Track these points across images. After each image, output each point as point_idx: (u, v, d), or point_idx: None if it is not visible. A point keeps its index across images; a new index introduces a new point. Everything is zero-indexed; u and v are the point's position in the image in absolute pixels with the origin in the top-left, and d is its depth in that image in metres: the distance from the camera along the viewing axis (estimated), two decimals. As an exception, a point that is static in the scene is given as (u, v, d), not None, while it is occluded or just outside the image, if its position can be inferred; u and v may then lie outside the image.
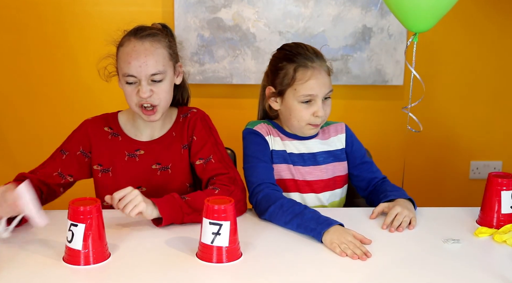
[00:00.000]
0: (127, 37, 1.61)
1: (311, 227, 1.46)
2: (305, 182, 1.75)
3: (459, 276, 1.29)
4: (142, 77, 1.57)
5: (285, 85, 1.68)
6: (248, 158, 1.72)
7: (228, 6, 2.60)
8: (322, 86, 1.67)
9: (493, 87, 2.84)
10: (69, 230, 1.30)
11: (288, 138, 1.76)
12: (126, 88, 1.60)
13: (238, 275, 1.29)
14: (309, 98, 1.66)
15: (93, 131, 1.69)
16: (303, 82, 1.65)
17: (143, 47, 1.58)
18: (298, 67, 1.66)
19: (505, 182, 1.53)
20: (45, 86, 2.68)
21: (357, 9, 2.64)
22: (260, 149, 1.72)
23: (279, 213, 1.54)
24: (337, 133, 1.82)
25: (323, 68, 1.69)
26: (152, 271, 1.29)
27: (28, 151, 2.70)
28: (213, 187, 1.60)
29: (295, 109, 1.68)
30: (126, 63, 1.57)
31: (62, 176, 1.66)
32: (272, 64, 1.75)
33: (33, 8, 2.59)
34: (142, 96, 1.57)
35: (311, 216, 1.49)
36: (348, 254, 1.37)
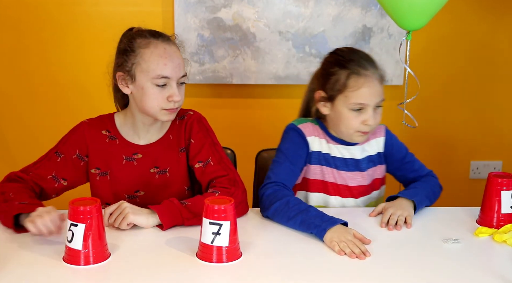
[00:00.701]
0: (148, 40, 1.58)
1: (315, 224, 1.46)
2: (346, 187, 1.75)
3: (459, 276, 1.29)
4: (175, 79, 1.57)
5: (336, 91, 1.64)
6: (278, 152, 1.72)
7: (228, 6, 2.60)
8: (374, 95, 1.63)
9: (493, 86, 2.84)
10: (69, 230, 1.30)
11: (333, 142, 1.74)
12: (153, 90, 1.57)
13: (238, 275, 1.29)
14: (360, 106, 1.63)
15: (90, 135, 1.67)
16: (355, 90, 1.62)
17: (172, 49, 1.59)
18: (351, 74, 1.63)
19: (505, 182, 1.53)
20: (45, 86, 2.68)
21: (357, 9, 2.64)
22: (294, 149, 1.71)
23: (284, 209, 1.54)
24: (376, 136, 1.79)
25: (376, 76, 1.64)
26: (152, 271, 1.29)
27: (28, 151, 2.70)
28: (213, 190, 1.59)
29: (345, 116, 1.65)
30: (161, 64, 1.55)
31: (56, 179, 1.63)
32: (323, 68, 1.71)
33: (32, 8, 2.59)
34: (176, 99, 1.57)
35: (316, 214, 1.50)
36: (347, 252, 1.37)
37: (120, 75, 1.60)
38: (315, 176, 1.74)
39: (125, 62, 1.58)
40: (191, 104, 1.84)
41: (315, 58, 2.67)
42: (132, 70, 1.58)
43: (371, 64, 1.66)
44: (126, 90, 1.61)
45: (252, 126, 2.78)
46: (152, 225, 1.50)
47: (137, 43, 1.58)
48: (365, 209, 1.72)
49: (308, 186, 1.76)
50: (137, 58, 1.57)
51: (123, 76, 1.60)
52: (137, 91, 1.59)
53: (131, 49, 1.58)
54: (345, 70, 1.63)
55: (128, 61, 1.58)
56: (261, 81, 2.69)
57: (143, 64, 1.56)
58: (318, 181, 1.74)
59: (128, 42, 1.59)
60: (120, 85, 1.61)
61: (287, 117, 2.78)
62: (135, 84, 1.58)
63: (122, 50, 1.60)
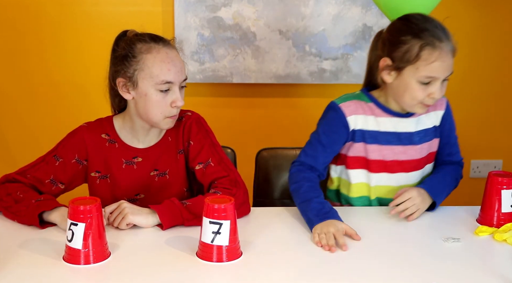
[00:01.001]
0: (149, 45, 1.56)
1: (308, 217, 1.52)
2: (397, 162, 1.70)
3: (459, 275, 1.29)
4: (178, 83, 1.57)
5: (406, 62, 1.56)
6: (315, 133, 1.73)
7: (228, 5, 2.60)
8: (446, 69, 1.56)
9: (493, 85, 2.84)
10: (69, 229, 1.30)
11: (385, 114, 1.68)
12: (157, 96, 1.55)
13: (238, 274, 1.29)
14: (429, 79, 1.56)
15: (90, 139, 1.65)
16: (428, 63, 1.53)
17: (173, 54, 1.59)
18: (425, 45, 1.53)
19: (505, 181, 1.53)
20: (44, 86, 2.68)
21: (357, 8, 2.63)
22: (329, 130, 1.69)
23: (295, 194, 1.62)
24: (436, 108, 1.73)
25: (450, 49, 1.56)
26: (152, 270, 1.29)
27: (28, 151, 2.70)
28: (215, 191, 1.58)
29: (411, 87, 1.58)
30: (165, 70, 1.54)
31: (54, 183, 1.62)
32: (393, 35, 1.61)
33: (32, 8, 2.59)
34: (179, 104, 1.57)
35: (315, 206, 1.53)
36: (322, 243, 1.41)
37: (121, 81, 1.58)
38: (358, 154, 1.71)
39: (126, 68, 1.56)
40: (191, 103, 1.84)
41: (315, 57, 2.67)
42: (135, 76, 1.55)
43: (446, 35, 1.56)
44: (127, 96, 1.59)
45: (252, 125, 2.78)
46: (152, 224, 1.50)
47: (137, 48, 1.56)
48: (366, 209, 1.72)
49: (349, 163, 1.73)
50: (140, 64, 1.55)
51: (124, 82, 1.57)
52: (139, 97, 1.57)
53: (132, 54, 1.55)
54: (419, 40, 1.54)
55: (129, 67, 1.55)
56: (261, 80, 2.69)
57: (146, 70, 1.54)
58: (360, 159, 1.71)
59: (128, 47, 1.56)
60: (121, 91, 1.59)
61: (287, 116, 2.80)
62: (138, 91, 1.57)
63: (121, 55, 1.56)
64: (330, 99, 2.77)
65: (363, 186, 1.74)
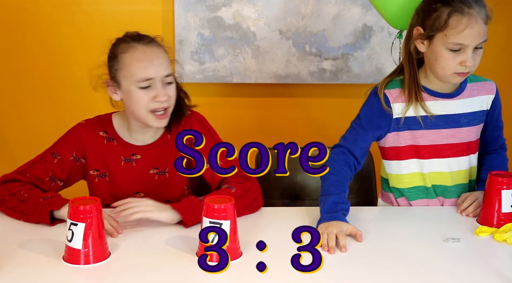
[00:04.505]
0: (129, 44, 1.60)
1: (320, 212, 1.53)
2: (448, 146, 1.69)
3: (459, 275, 1.29)
4: (158, 79, 1.57)
5: (435, 29, 1.55)
6: (357, 118, 1.71)
7: (228, 5, 2.60)
8: (476, 36, 1.53)
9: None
10: (69, 229, 1.30)
11: (431, 98, 1.66)
12: (138, 93, 1.58)
13: (238, 274, 1.29)
14: (459, 47, 1.54)
15: (87, 136, 1.67)
16: (456, 30, 1.52)
17: (152, 51, 1.60)
18: (453, 12, 1.53)
19: (505, 181, 1.53)
20: (45, 85, 2.68)
21: (357, 8, 2.63)
22: (371, 116, 1.67)
23: (321, 184, 1.61)
24: (487, 92, 1.71)
25: (481, 15, 1.53)
26: (152, 270, 1.29)
27: (28, 151, 2.70)
28: (228, 186, 1.60)
29: (441, 55, 1.56)
30: (142, 67, 1.56)
31: (53, 180, 1.63)
32: (425, 3, 1.61)
33: (32, 7, 2.59)
34: (162, 99, 1.58)
35: (329, 204, 1.53)
36: (322, 243, 1.40)
37: (108, 82, 1.62)
38: (406, 142, 1.69)
39: (110, 69, 1.61)
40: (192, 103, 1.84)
41: (315, 57, 2.67)
42: (117, 76, 1.60)
43: (477, 2, 1.54)
44: (115, 97, 1.63)
45: (253, 125, 2.77)
46: (175, 221, 1.51)
47: (119, 48, 1.60)
48: (366, 208, 1.72)
49: (400, 155, 1.71)
50: (119, 63, 1.59)
51: (111, 82, 1.62)
52: (124, 96, 1.61)
53: (114, 55, 1.61)
54: (448, 7, 1.54)
55: (112, 68, 1.61)
56: (261, 80, 2.69)
57: (125, 69, 1.58)
58: (409, 147, 1.69)
59: (112, 48, 1.62)
60: (109, 92, 1.63)
61: (287, 116, 2.80)
62: (121, 90, 1.60)
63: (108, 56, 1.62)
64: (330, 99, 2.75)
65: (416, 175, 1.72)
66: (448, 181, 1.70)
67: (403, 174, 1.72)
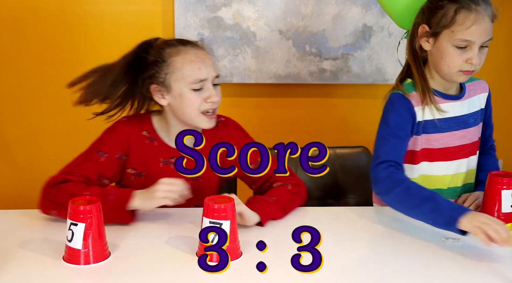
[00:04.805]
0: (177, 48, 1.60)
1: (446, 213, 1.42)
2: (460, 148, 1.69)
3: (459, 275, 1.29)
4: (210, 80, 1.60)
5: (442, 26, 1.55)
6: (384, 126, 1.65)
7: (228, 5, 2.60)
8: (482, 33, 1.53)
9: (492, 85, 2.83)
10: (69, 229, 1.30)
11: (443, 100, 1.65)
12: (191, 95, 1.59)
13: (238, 274, 1.29)
14: (465, 43, 1.54)
15: (133, 135, 1.66)
16: (463, 26, 1.52)
17: (202, 53, 1.62)
18: (461, 8, 1.53)
19: (505, 181, 1.53)
20: (45, 85, 2.68)
21: (357, 8, 2.63)
22: (401, 122, 1.63)
23: (406, 196, 1.49)
24: (482, 91, 1.74)
25: (487, 13, 1.54)
26: (152, 270, 1.29)
27: (28, 151, 2.70)
28: (283, 183, 1.65)
29: (447, 52, 1.56)
30: (196, 69, 1.58)
31: (100, 179, 1.62)
32: (431, 1, 1.60)
33: (32, 7, 2.59)
34: (215, 100, 1.60)
35: (445, 202, 1.45)
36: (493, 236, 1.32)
37: (155, 88, 1.61)
38: (422, 146, 1.67)
39: (157, 74, 1.60)
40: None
41: (315, 57, 2.67)
42: (167, 80, 1.59)
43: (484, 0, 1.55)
44: (163, 102, 1.63)
45: (253, 125, 2.76)
46: (255, 222, 1.52)
47: (167, 53, 1.60)
48: (366, 208, 1.72)
49: (414, 159, 1.69)
50: (170, 67, 1.59)
51: (158, 88, 1.61)
52: (174, 100, 1.61)
53: (162, 59, 1.59)
54: (455, 3, 1.54)
55: (160, 72, 1.59)
56: (261, 80, 2.69)
57: (177, 72, 1.58)
58: (424, 151, 1.68)
59: (157, 53, 1.60)
60: (156, 98, 1.62)
61: (287, 116, 2.80)
62: (172, 93, 1.60)
63: (151, 61, 1.60)
64: (330, 99, 2.75)
65: (424, 177, 1.70)
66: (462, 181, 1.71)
67: (412, 178, 1.70)
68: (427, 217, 1.47)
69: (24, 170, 2.71)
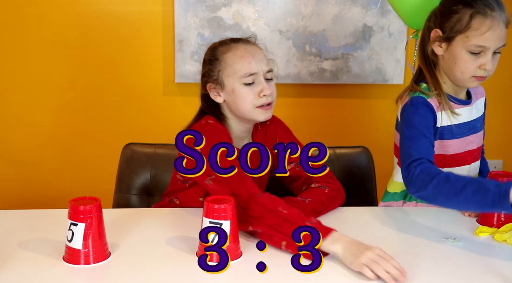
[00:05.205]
0: (229, 45, 1.64)
1: (492, 190, 1.35)
2: (469, 152, 1.70)
3: (459, 275, 1.29)
4: (261, 73, 1.62)
5: (456, 31, 1.54)
6: (410, 129, 1.58)
7: (228, 5, 2.60)
8: (497, 39, 1.53)
9: (493, 85, 2.83)
10: (69, 230, 1.30)
11: (457, 105, 1.64)
12: (244, 90, 1.61)
13: (238, 274, 1.29)
14: (479, 49, 1.53)
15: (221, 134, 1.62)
16: (478, 31, 1.51)
17: (253, 48, 1.64)
18: (476, 13, 1.51)
19: (505, 181, 1.53)
20: (45, 85, 2.68)
21: (357, 8, 2.64)
22: (427, 124, 1.59)
23: (446, 184, 1.42)
24: (481, 95, 1.75)
25: (502, 19, 1.53)
26: (152, 270, 1.29)
27: (28, 151, 2.70)
28: (320, 186, 1.66)
29: (461, 58, 1.55)
30: (246, 63, 1.60)
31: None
32: (444, 5, 1.59)
33: (33, 7, 2.59)
34: (267, 93, 1.61)
35: (487, 181, 1.40)
36: None
37: (210, 86, 1.64)
38: (436, 152, 1.64)
39: (211, 72, 1.63)
40: (191, 103, 1.84)
41: (315, 57, 2.67)
42: (220, 77, 1.62)
43: (499, 5, 1.54)
44: (218, 99, 1.65)
45: (252, 125, 2.77)
46: None
47: (219, 51, 1.64)
48: (365, 208, 1.72)
49: None
50: (222, 64, 1.62)
51: (213, 85, 1.64)
52: (228, 96, 1.63)
53: (215, 58, 1.64)
54: (470, 8, 1.52)
55: (214, 70, 1.63)
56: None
57: (228, 68, 1.61)
58: (435, 156, 1.63)
59: (211, 52, 1.65)
60: (212, 96, 1.65)
61: (287, 116, 2.79)
62: (226, 90, 1.63)
63: (206, 61, 1.66)
64: (330, 99, 2.75)
65: None
66: None
67: None
68: (473, 201, 1.38)
69: (24, 170, 2.72)
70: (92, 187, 2.30)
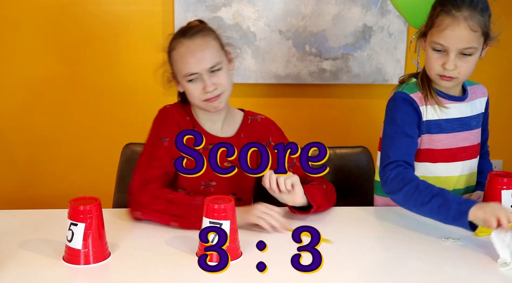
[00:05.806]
0: (177, 40, 1.65)
1: (454, 207, 1.41)
2: (462, 149, 1.69)
3: (459, 275, 1.29)
4: (203, 72, 1.61)
5: (427, 27, 1.58)
6: (391, 125, 1.62)
7: (228, 5, 2.60)
8: (456, 40, 1.52)
9: (493, 85, 2.83)
10: (69, 230, 1.30)
11: (447, 101, 1.65)
12: (189, 86, 1.64)
13: (238, 274, 1.29)
14: (440, 47, 1.54)
15: (180, 119, 1.70)
16: (437, 29, 1.53)
17: (195, 44, 1.63)
18: (441, 11, 1.54)
19: (505, 181, 1.53)
20: (45, 85, 2.68)
21: (357, 8, 2.63)
22: (409, 121, 1.61)
23: (415, 193, 1.48)
24: (482, 95, 1.75)
25: (468, 21, 1.50)
26: (152, 270, 1.29)
27: (28, 151, 2.70)
28: (319, 183, 1.68)
29: (428, 55, 1.58)
30: (184, 63, 1.62)
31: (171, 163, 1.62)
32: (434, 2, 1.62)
33: (33, 7, 2.59)
34: (209, 89, 1.62)
35: (453, 196, 1.45)
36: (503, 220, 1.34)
37: (169, 78, 1.70)
38: (424, 146, 1.66)
39: (170, 63, 1.68)
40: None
41: (315, 57, 2.67)
42: (174, 70, 1.68)
43: (471, 7, 1.51)
44: (180, 89, 1.70)
45: (252, 125, 2.77)
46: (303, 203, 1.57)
47: (171, 45, 1.67)
48: (365, 208, 1.72)
49: (417, 156, 1.67)
50: (171, 60, 1.67)
51: (171, 77, 1.70)
52: (182, 88, 1.68)
53: (169, 52, 1.67)
54: (440, 6, 1.55)
55: (169, 63, 1.68)
56: (261, 80, 2.69)
57: (175, 65, 1.66)
58: (425, 151, 1.67)
59: (168, 44, 1.68)
60: (175, 84, 1.70)
61: (287, 116, 2.79)
62: (180, 82, 1.67)
63: (167, 53, 1.69)
64: (330, 99, 2.75)
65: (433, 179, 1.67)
66: (464, 184, 1.71)
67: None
68: (437, 213, 1.46)
69: (24, 170, 2.71)
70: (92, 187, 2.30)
